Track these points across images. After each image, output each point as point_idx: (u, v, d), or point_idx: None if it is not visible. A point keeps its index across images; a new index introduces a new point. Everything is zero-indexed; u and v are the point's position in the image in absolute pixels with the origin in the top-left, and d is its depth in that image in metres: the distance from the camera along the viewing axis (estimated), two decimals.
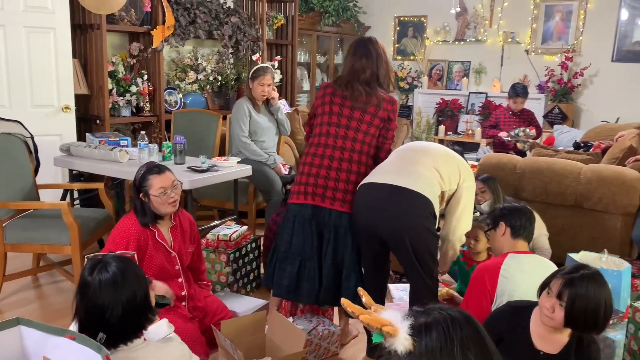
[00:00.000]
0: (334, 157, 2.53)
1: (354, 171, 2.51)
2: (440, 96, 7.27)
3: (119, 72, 4.46)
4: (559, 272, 1.87)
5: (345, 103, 2.55)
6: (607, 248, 2.92)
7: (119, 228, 2.46)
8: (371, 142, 2.56)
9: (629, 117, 5.53)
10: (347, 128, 2.53)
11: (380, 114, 2.55)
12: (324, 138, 2.56)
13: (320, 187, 2.52)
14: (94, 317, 1.61)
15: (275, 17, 6.06)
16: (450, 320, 0.98)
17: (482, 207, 3.26)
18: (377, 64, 2.57)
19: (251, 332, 2.48)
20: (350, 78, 2.56)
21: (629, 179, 3.32)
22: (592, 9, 6.28)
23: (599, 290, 1.80)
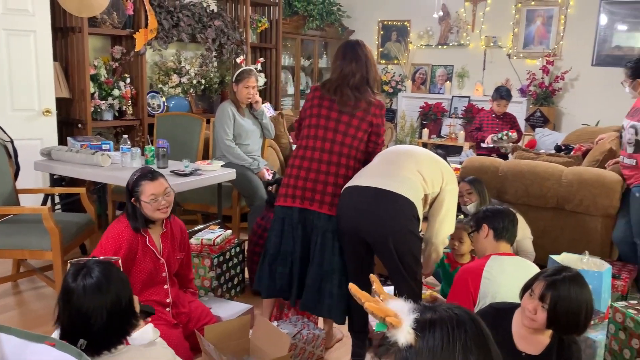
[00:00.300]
0: (323, 160, 2.52)
1: (342, 175, 2.51)
2: (424, 100, 7.31)
3: (101, 76, 4.42)
4: (541, 274, 1.89)
5: (333, 107, 2.55)
6: (588, 249, 2.96)
7: (111, 232, 2.44)
8: (359, 147, 2.57)
9: (608, 120, 5.61)
10: (336, 131, 2.53)
11: (369, 118, 2.56)
12: (312, 141, 2.56)
13: (309, 190, 2.52)
14: (78, 324, 1.59)
15: (259, 20, 6.06)
16: (456, 320, 0.97)
17: (468, 209, 3.28)
18: (367, 67, 2.57)
19: (235, 337, 2.47)
20: (340, 82, 2.56)
21: (609, 181, 3.36)
22: (572, 14, 6.38)
23: (580, 292, 1.82)
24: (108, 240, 2.41)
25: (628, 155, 3.30)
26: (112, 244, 2.40)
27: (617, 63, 6.00)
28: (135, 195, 2.44)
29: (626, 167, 3.34)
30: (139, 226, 2.45)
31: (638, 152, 3.22)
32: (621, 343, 2.35)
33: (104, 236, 2.45)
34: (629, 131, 3.26)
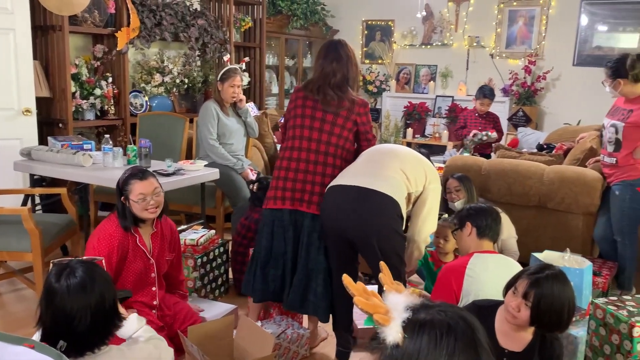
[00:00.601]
0: (310, 160, 2.53)
1: (329, 174, 2.52)
2: (408, 99, 7.34)
3: (82, 75, 4.37)
4: (524, 272, 1.90)
5: (317, 106, 2.56)
6: (569, 247, 2.99)
7: (102, 232, 2.41)
8: (345, 145, 2.58)
9: (589, 119, 5.67)
10: (321, 131, 2.54)
11: (353, 117, 2.57)
12: (298, 141, 2.56)
13: (298, 192, 2.52)
14: (61, 325, 1.56)
15: (243, 19, 6.04)
16: (447, 326, 0.94)
17: (455, 205, 3.30)
18: (348, 67, 2.58)
19: (219, 337, 2.45)
20: (321, 82, 2.57)
21: (590, 179, 3.40)
22: (553, 15, 6.45)
23: (563, 290, 1.84)
24: (100, 241, 2.38)
25: (608, 153, 3.34)
26: (104, 244, 2.37)
27: (598, 63, 6.07)
28: (125, 193, 2.42)
29: (607, 165, 3.38)
30: (129, 225, 2.43)
31: (618, 151, 3.26)
32: (601, 339, 2.38)
33: (94, 237, 2.41)
34: (610, 130, 3.31)
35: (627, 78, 3.16)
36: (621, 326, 2.28)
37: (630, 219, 3.27)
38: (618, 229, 3.33)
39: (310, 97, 2.58)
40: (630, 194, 3.20)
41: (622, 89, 3.19)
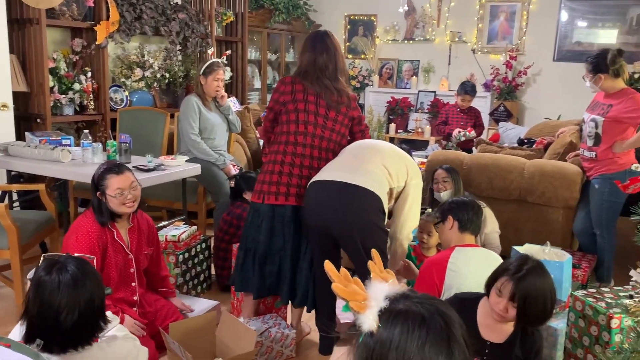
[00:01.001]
0: (308, 156, 2.52)
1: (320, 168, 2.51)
2: (391, 95, 7.36)
3: (60, 69, 4.29)
4: (506, 271, 1.91)
5: (320, 102, 2.53)
6: (549, 240, 3.02)
7: (80, 230, 2.37)
8: (341, 142, 2.59)
9: (569, 114, 5.75)
10: (324, 128, 2.53)
11: (350, 113, 2.60)
12: (302, 137, 2.51)
13: (294, 187, 2.49)
14: (48, 319, 1.54)
15: (225, 13, 5.98)
16: (421, 318, 0.94)
17: (441, 196, 3.31)
18: (337, 58, 2.57)
19: (201, 334, 2.44)
20: (319, 74, 2.53)
21: (570, 173, 3.44)
22: (534, 10, 6.50)
23: (544, 282, 1.87)
24: (79, 239, 2.34)
25: (588, 148, 3.38)
26: (84, 241, 2.34)
27: (578, 58, 6.15)
28: (101, 189, 2.39)
29: (586, 159, 3.42)
30: (105, 220, 2.41)
31: (598, 145, 3.30)
32: (581, 330, 2.41)
33: (72, 234, 2.37)
34: (589, 124, 3.34)
35: (607, 73, 3.20)
36: (599, 318, 2.31)
37: (609, 212, 3.31)
38: (597, 222, 3.37)
39: (310, 90, 2.53)
40: (609, 188, 3.24)
41: (602, 83, 3.23)
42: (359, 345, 0.98)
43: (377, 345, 0.95)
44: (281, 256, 2.56)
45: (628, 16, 5.99)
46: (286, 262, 2.55)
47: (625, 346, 1.21)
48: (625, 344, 1.22)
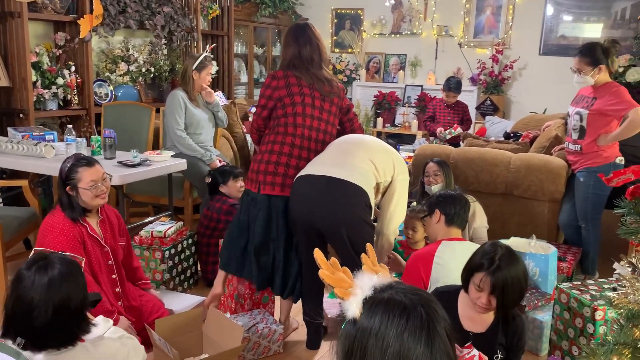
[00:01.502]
0: (310, 149, 2.55)
1: None
2: (378, 89, 7.35)
3: (43, 63, 4.23)
4: (480, 267, 1.92)
5: (315, 94, 2.55)
6: (535, 233, 3.04)
7: (53, 229, 2.32)
8: (332, 132, 2.64)
9: (555, 108, 5.78)
10: (320, 120, 2.57)
11: (340, 102, 2.66)
12: (300, 129, 2.53)
13: (289, 178, 2.50)
14: (19, 314, 1.53)
15: (210, 7, 5.93)
16: (402, 307, 0.95)
17: (432, 189, 3.31)
18: (320, 49, 2.61)
19: (187, 330, 2.43)
20: (307, 66, 2.56)
21: (555, 166, 3.46)
22: (520, 4, 6.52)
23: (517, 268, 1.91)
24: (58, 238, 2.30)
25: (573, 141, 3.40)
26: (63, 240, 2.30)
27: (563, 52, 6.19)
28: (72, 183, 2.35)
29: (571, 152, 3.44)
30: (77, 216, 2.38)
31: (582, 138, 3.33)
32: (566, 323, 2.43)
33: (46, 234, 2.32)
34: (574, 118, 3.37)
35: (606, 64, 3.22)
36: (584, 310, 2.33)
37: (594, 205, 3.34)
38: (582, 215, 3.40)
39: (303, 82, 2.54)
40: (594, 181, 3.26)
41: (599, 76, 3.24)
42: (342, 332, 0.99)
43: (358, 332, 0.96)
44: (275, 247, 2.56)
45: (612, 10, 6.03)
46: (279, 253, 2.56)
47: (608, 338, 1.22)
48: (609, 336, 1.22)
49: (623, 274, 1.23)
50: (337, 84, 2.64)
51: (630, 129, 3.14)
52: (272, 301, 2.89)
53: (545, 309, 2.69)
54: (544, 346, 2.63)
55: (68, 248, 2.25)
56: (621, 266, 1.23)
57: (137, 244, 3.12)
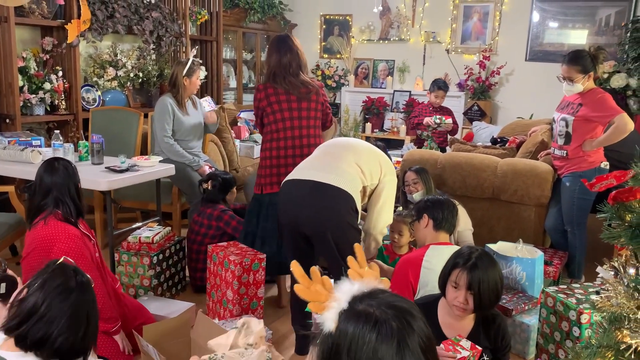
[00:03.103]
0: (303, 145, 2.93)
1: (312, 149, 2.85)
2: (367, 94, 7.38)
3: (30, 68, 4.21)
4: (456, 265, 1.95)
5: (291, 98, 2.92)
6: (522, 237, 3.07)
7: (59, 238, 2.25)
8: (317, 124, 3.02)
9: (541, 113, 5.85)
10: (300, 119, 2.94)
11: (320, 99, 3.01)
12: (290, 132, 2.93)
13: (285, 176, 2.68)
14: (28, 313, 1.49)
15: (199, 12, 5.93)
16: (373, 322, 0.95)
17: (414, 197, 3.33)
18: (299, 56, 2.96)
19: (176, 336, 2.41)
20: (284, 73, 2.92)
21: (541, 171, 3.50)
22: (506, 11, 6.59)
23: (493, 267, 1.96)
24: (69, 243, 2.24)
25: (559, 146, 3.44)
26: (74, 244, 2.26)
27: (549, 59, 6.27)
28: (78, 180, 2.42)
29: (557, 158, 3.48)
30: (76, 219, 2.38)
31: (568, 144, 3.37)
32: (552, 326, 2.46)
33: (56, 242, 2.25)
34: (560, 123, 3.41)
35: (594, 71, 3.26)
36: (570, 313, 2.35)
37: (579, 210, 3.38)
38: (568, 219, 3.44)
39: (280, 90, 2.92)
40: (579, 185, 3.30)
41: (588, 83, 3.28)
42: (319, 344, 1.01)
43: (333, 345, 0.98)
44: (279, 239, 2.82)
45: (597, 17, 6.12)
46: None
47: (592, 341, 1.23)
48: (593, 339, 1.24)
49: (606, 277, 1.25)
50: (314, 83, 3.00)
51: (615, 134, 3.19)
52: (260, 307, 2.89)
53: (532, 312, 2.71)
54: (531, 349, 2.65)
55: (81, 252, 2.25)
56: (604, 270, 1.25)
57: (125, 250, 3.11)
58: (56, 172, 2.35)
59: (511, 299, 2.75)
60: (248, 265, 2.77)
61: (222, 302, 2.85)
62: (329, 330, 0.99)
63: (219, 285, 2.88)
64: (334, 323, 0.98)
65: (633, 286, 1.18)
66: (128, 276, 3.10)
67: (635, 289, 1.17)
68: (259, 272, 2.82)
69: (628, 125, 3.15)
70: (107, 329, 2.28)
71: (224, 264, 2.83)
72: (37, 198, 2.35)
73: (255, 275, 2.81)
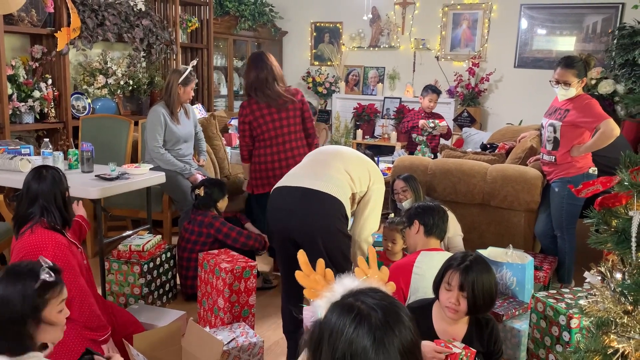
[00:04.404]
0: (292, 147, 3.44)
1: (302, 153, 3.33)
2: (357, 101, 7.41)
3: (19, 76, 4.19)
4: (449, 267, 1.97)
5: (272, 110, 3.37)
6: (512, 243, 3.09)
7: (46, 246, 2.21)
8: (297, 129, 3.45)
9: (530, 119, 5.90)
10: (282, 127, 3.40)
11: (297, 105, 3.43)
12: (274, 140, 3.41)
13: (275, 178, 3.03)
14: None
15: (189, 20, 5.94)
16: (355, 314, 1.00)
17: (403, 205, 3.34)
18: (273, 71, 3.38)
19: (166, 345, 2.40)
20: (262, 87, 3.35)
21: (531, 177, 3.53)
22: (495, 18, 6.65)
23: (487, 270, 1.96)
24: (55, 251, 2.22)
25: (547, 152, 3.47)
26: (61, 253, 2.24)
27: (538, 65, 6.34)
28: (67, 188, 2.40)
29: (546, 163, 3.51)
30: (61, 226, 2.36)
31: (557, 149, 3.39)
32: (542, 331, 2.47)
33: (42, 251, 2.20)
34: (548, 129, 3.44)
35: (585, 76, 3.30)
36: (560, 318, 2.36)
37: (568, 215, 3.41)
38: (557, 225, 3.46)
39: (263, 105, 3.36)
40: (568, 191, 3.32)
41: (580, 87, 3.31)
42: (310, 326, 1.08)
43: (319, 332, 1.04)
44: None
45: (584, 24, 6.19)
46: None
47: (581, 346, 1.24)
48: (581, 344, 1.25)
49: (593, 282, 1.26)
50: (290, 92, 3.42)
51: (601, 140, 3.22)
52: (252, 315, 2.88)
53: (522, 317, 2.72)
54: (522, 355, 2.65)
55: (68, 260, 2.23)
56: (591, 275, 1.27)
57: (115, 258, 3.10)
58: (44, 180, 2.33)
59: (502, 304, 2.76)
60: (239, 273, 2.76)
61: (213, 310, 2.84)
62: (319, 318, 1.05)
63: (210, 293, 2.88)
64: (325, 311, 1.04)
65: (620, 291, 1.19)
66: (118, 285, 3.08)
67: (622, 293, 1.19)
68: (250, 279, 2.82)
69: (614, 131, 3.18)
70: (96, 337, 2.26)
71: (214, 271, 2.83)
72: (23, 206, 2.32)
73: (247, 282, 2.81)
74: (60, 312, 1.68)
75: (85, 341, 2.20)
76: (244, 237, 3.27)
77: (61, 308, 1.68)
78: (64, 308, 1.71)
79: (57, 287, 1.67)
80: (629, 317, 1.16)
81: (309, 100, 7.79)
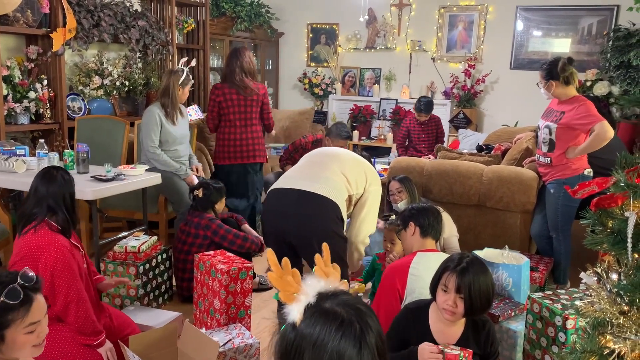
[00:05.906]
0: (251, 131, 4.09)
1: (259, 131, 4.15)
2: (354, 102, 7.42)
3: (14, 77, 4.17)
4: (446, 269, 1.97)
5: (240, 97, 4.00)
6: (508, 244, 3.10)
7: (47, 248, 2.19)
8: (256, 117, 4.13)
9: (526, 120, 5.91)
10: (245, 112, 4.04)
11: (260, 98, 4.08)
12: (239, 121, 4.05)
13: (245, 152, 4.08)
14: None
15: (186, 21, 5.93)
16: (340, 321, 0.99)
17: (399, 206, 3.35)
18: (243, 65, 3.98)
19: (162, 346, 2.39)
20: (231, 77, 3.98)
21: (526, 178, 3.54)
22: (491, 20, 6.67)
23: (484, 272, 1.96)
24: (57, 253, 2.19)
25: (543, 153, 3.48)
26: (61, 255, 2.21)
27: (533, 67, 6.33)
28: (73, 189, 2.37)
29: (542, 165, 3.52)
30: (69, 228, 2.34)
31: (552, 151, 3.41)
32: (538, 332, 2.47)
33: (44, 252, 2.18)
34: (544, 131, 3.45)
35: (558, 80, 3.31)
36: (556, 319, 2.37)
37: (564, 216, 3.42)
38: (553, 226, 3.47)
39: (233, 90, 3.98)
40: (564, 192, 3.34)
41: (554, 90, 3.34)
42: (281, 334, 1.04)
43: (297, 337, 1.01)
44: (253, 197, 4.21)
45: (579, 26, 6.21)
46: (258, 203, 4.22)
47: (577, 346, 1.25)
48: (577, 344, 1.25)
49: (589, 283, 1.26)
50: (256, 86, 4.06)
51: (596, 141, 3.23)
52: (248, 316, 2.88)
53: (518, 318, 2.73)
54: (518, 356, 2.66)
55: (68, 263, 2.20)
56: (587, 276, 1.27)
57: (111, 260, 3.09)
58: (54, 181, 2.31)
59: (498, 305, 2.76)
60: (235, 274, 2.76)
61: (209, 311, 2.83)
62: (294, 321, 1.02)
63: (206, 295, 2.87)
64: (300, 315, 1.01)
65: (615, 291, 1.19)
66: None
67: (618, 294, 1.19)
68: (247, 280, 2.81)
69: (608, 133, 3.19)
70: (91, 342, 2.25)
71: (210, 272, 2.82)
72: (29, 205, 2.31)
73: (243, 284, 2.80)
74: (30, 333, 1.54)
75: (79, 345, 2.19)
76: (240, 240, 3.25)
77: (31, 330, 1.53)
78: (38, 329, 1.56)
79: (21, 310, 1.51)
80: (625, 317, 1.17)
81: (305, 101, 7.79)
